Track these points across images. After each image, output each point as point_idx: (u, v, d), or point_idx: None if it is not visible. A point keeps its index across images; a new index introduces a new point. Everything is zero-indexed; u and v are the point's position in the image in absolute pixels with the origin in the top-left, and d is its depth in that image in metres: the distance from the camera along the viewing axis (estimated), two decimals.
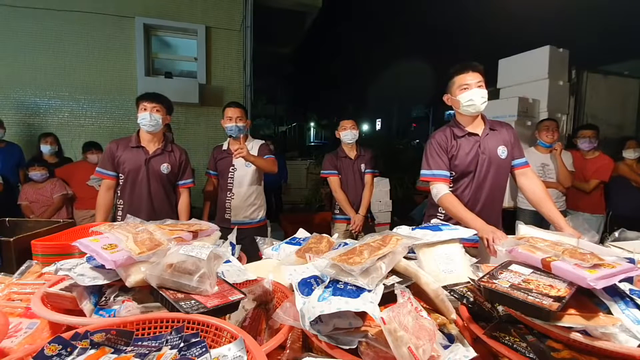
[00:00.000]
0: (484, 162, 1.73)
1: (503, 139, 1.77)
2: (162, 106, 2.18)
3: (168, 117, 2.28)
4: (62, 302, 0.82)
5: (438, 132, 1.83)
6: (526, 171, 1.79)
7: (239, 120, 2.41)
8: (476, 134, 1.76)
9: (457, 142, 1.76)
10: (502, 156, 1.74)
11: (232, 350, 0.61)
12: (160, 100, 2.18)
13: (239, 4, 5.28)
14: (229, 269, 0.99)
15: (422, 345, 0.62)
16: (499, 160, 1.74)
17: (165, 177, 2.23)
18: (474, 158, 1.73)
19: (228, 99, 5.13)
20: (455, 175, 1.78)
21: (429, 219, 1.83)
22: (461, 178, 1.77)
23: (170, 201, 2.28)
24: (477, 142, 1.74)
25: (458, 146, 1.75)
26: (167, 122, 2.29)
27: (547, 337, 0.70)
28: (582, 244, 1.07)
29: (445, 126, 1.85)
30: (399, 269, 0.89)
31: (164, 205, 2.24)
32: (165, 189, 2.26)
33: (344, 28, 18.02)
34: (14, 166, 3.61)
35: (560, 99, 3.90)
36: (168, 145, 2.30)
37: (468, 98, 1.65)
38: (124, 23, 4.89)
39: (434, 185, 1.75)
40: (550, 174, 3.11)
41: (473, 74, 1.67)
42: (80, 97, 4.81)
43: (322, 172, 2.96)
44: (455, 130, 1.78)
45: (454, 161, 1.76)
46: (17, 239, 1.40)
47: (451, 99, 1.75)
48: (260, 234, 2.46)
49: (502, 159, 1.74)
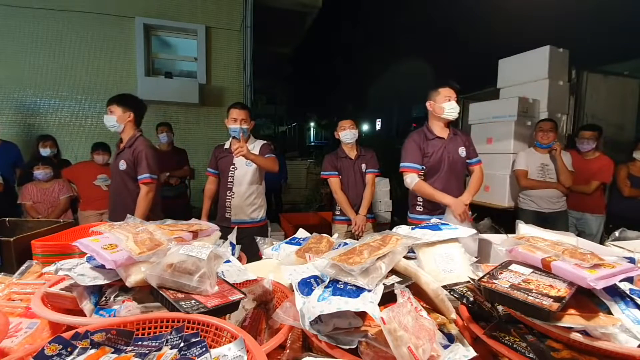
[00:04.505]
0: (448, 159, 2.22)
1: (462, 142, 2.28)
2: (117, 105, 2.31)
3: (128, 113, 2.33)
4: (62, 302, 0.82)
5: (414, 133, 2.33)
6: (474, 168, 2.33)
7: (243, 122, 2.41)
8: (442, 137, 2.25)
9: (429, 143, 2.25)
10: (462, 155, 2.26)
11: (232, 350, 0.61)
12: (113, 101, 2.31)
13: (239, 4, 5.28)
14: (229, 269, 0.99)
15: (422, 345, 0.62)
16: (460, 158, 2.26)
17: (123, 174, 2.31)
18: (442, 156, 2.23)
19: (228, 99, 5.15)
20: (427, 170, 2.25)
21: (413, 208, 2.34)
22: (434, 173, 2.24)
23: (133, 197, 2.29)
24: (443, 144, 2.24)
25: (429, 146, 2.24)
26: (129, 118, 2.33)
27: (547, 337, 0.70)
28: (582, 244, 1.07)
29: (419, 129, 2.35)
30: (399, 269, 0.89)
31: (125, 201, 2.31)
32: (127, 185, 2.32)
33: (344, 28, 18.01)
34: (11, 165, 3.56)
35: (560, 99, 3.89)
36: (134, 142, 2.32)
37: (451, 107, 2.16)
38: (124, 23, 4.89)
39: (408, 175, 2.23)
40: (551, 174, 3.10)
41: (453, 90, 2.19)
42: (80, 97, 4.82)
43: (322, 173, 2.95)
44: (427, 133, 2.28)
45: (427, 158, 2.24)
46: (17, 239, 1.40)
47: (435, 105, 2.21)
48: (261, 233, 2.46)
49: (462, 157, 2.26)
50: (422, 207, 2.30)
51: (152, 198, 2.31)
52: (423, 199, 2.28)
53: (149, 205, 2.29)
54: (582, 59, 4.27)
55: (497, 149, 3.65)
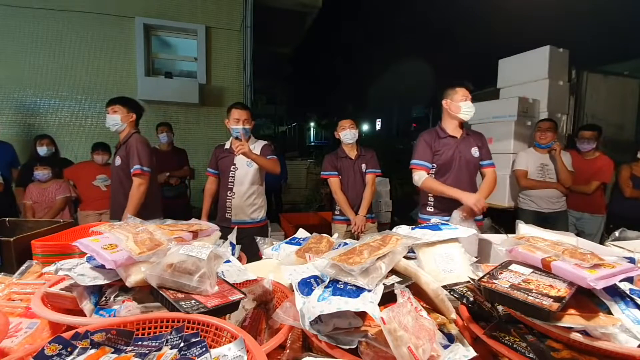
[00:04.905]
0: (460, 158, 2.18)
1: (476, 142, 2.23)
2: (121, 106, 2.37)
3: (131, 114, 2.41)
4: (62, 302, 0.82)
5: (426, 132, 2.31)
6: (487, 171, 2.25)
7: (245, 123, 2.41)
8: (455, 137, 2.21)
9: (440, 141, 2.22)
10: (475, 155, 2.21)
11: (232, 350, 0.61)
12: (117, 102, 2.37)
13: (239, 4, 5.28)
14: (229, 269, 0.99)
15: (422, 345, 0.62)
16: (472, 159, 2.21)
17: (118, 170, 2.38)
18: (453, 155, 2.19)
19: (228, 99, 5.15)
20: (437, 168, 2.22)
21: (423, 208, 2.29)
22: (445, 172, 2.20)
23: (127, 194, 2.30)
24: (456, 143, 2.20)
25: (440, 144, 2.21)
26: (131, 119, 2.41)
27: (547, 337, 0.70)
28: (582, 244, 1.07)
29: (431, 129, 2.33)
30: (399, 269, 0.89)
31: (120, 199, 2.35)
32: (122, 182, 2.37)
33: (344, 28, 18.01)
34: (7, 166, 3.54)
35: (560, 99, 3.90)
36: (129, 139, 2.37)
37: (468, 106, 2.13)
38: (124, 23, 4.89)
39: (416, 172, 2.21)
40: (550, 174, 3.10)
41: (468, 91, 2.17)
42: (80, 97, 4.81)
43: (322, 173, 2.94)
44: (440, 132, 2.24)
45: (438, 156, 2.20)
46: (17, 239, 1.40)
47: (451, 104, 2.17)
48: (261, 234, 2.45)
49: (475, 157, 2.21)
50: (433, 208, 2.23)
51: (144, 192, 2.30)
52: (434, 198, 2.22)
53: (141, 199, 2.29)
54: (582, 59, 4.27)
55: (497, 149, 3.65)
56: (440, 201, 2.19)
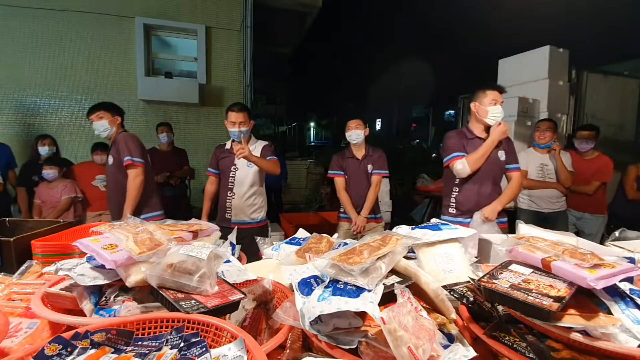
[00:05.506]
0: (486, 160, 2.11)
1: (502, 146, 2.17)
2: (105, 111, 2.37)
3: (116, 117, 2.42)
4: (62, 302, 0.82)
5: (453, 132, 2.30)
6: (512, 175, 2.21)
7: (242, 125, 2.41)
8: (482, 138, 2.16)
9: (468, 141, 2.18)
10: (502, 158, 2.16)
11: (232, 350, 0.61)
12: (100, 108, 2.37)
13: (239, 4, 5.28)
14: (229, 269, 0.99)
15: (422, 345, 0.62)
16: (498, 161, 2.15)
17: (112, 168, 2.40)
18: None
19: (228, 99, 5.15)
20: None
21: (445, 209, 2.25)
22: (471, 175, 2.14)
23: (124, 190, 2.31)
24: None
25: (468, 144, 2.17)
26: (117, 122, 2.41)
27: (547, 337, 0.70)
28: (582, 244, 1.07)
29: (458, 129, 2.35)
30: (399, 269, 0.89)
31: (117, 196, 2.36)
32: (117, 179, 2.38)
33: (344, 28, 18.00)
34: (4, 167, 3.51)
35: (560, 99, 3.90)
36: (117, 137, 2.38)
37: (496, 110, 2.08)
38: (124, 23, 4.89)
39: (458, 162, 2.12)
40: (550, 174, 3.10)
41: (501, 94, 2.11)
42: (80, 97, 4.81)
43: (329, 172, 2.95)
44: (467, 133, 2.22)
45: None
46: (17, 239, 1.40)
47: (479, 107, 2.13)
48: (261, 234, 2.45)
49: (501, 160, 2.16)
50: (455, 209, 2.19)
51: (141, 184, 2.30)
52: (456, 200, 2.18)
53: (139, 191, 2.29)
54: (582, 59, 4.28)
55: None
56: (463, 202, 2.16)
